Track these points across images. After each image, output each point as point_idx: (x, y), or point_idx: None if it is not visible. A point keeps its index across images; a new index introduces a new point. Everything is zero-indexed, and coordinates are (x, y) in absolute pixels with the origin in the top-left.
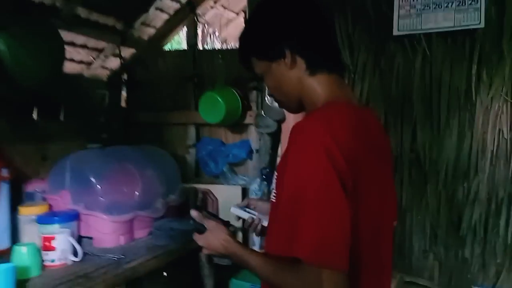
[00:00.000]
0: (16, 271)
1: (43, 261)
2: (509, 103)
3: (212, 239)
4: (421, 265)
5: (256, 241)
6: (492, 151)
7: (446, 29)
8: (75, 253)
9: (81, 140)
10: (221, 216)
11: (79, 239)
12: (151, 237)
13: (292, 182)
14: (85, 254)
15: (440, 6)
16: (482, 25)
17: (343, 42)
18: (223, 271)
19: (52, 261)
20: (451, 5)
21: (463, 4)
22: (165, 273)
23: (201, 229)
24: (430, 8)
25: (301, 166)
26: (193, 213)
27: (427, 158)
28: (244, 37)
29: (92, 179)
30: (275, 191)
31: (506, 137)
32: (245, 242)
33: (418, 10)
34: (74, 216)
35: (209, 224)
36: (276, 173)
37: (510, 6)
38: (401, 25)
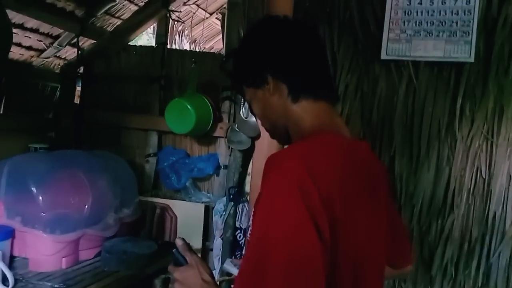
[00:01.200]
0: None
1: None
2: (489, 142)
3: (192, 275)
4: None
5: (216, 265)
6: (469, 189)
7: (435, 59)
8: (4, 281)
9: (23, 139)
10: (180, 233)
11: (11, 259)
12: (98, 259)
13: (261, 223)
14: (17, 281)
15: (431, 34)
16: (472, 59)
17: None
18: None
19: None
20: (442, 35)
21: (455, 35)
22: None
23: (180, 261)
24: (420, 35)
25: (271, 207)
26: (179, 242)
27: (404, 191)
28: (234, 65)
29: (33, 189)
30: (251, 228)
31: (484, 176)
32: None
33: (408, 35)
34: (7, 234)
35: (192, 258)
36: (252, 208)
37: (498, 42)
38: (389, 49)
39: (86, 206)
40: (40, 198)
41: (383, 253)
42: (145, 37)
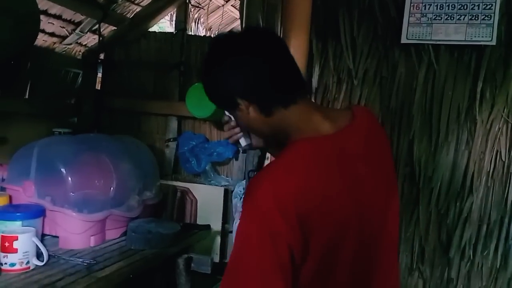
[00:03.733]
0: None
1: (1, 264)
2: (509, 125)
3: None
4: (405, 282)
5: None
6: (488, 172)
7: (456, 43)
8: (39, 256)
9: (47, 123)
10: (200, 216)
11: (42, 237)
12: (124, 238)
13: (236, 245)
14: (49, 257)
15: (452, 18)
16: (494, 42)
17: (346, 44)
18: (200, 280)
19: (12, 265)
20: (464, 18)
21: (476, 18)
22: (131, 275)
23: None
24: (441, 19)
25: (242, 237)
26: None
27: (422, 174)
28: (207, 93)
29: (63, 170)
30: None
31: (503, 159)
32: (223, 247)
33: (429, 19)
34: (39, 212)
35: None
36: None
37: None
38: (410, 33)
39: (111, 188)
40: (69, 179)
41: (394, 227)
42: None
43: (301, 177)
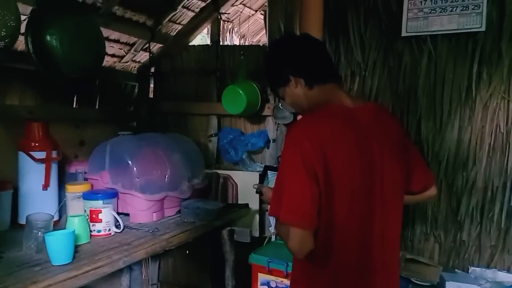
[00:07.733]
0: (74, 236)
1: (91, 231)
2: (506, 100)
3: (265, 197)
4: (422, 247)
5: (272, 222)
6: (490, 143)
7: (450, 31)
8: (117, 225)
9: (113, 127)
10: (240, 198)
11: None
12: (179, 215)
13: (279, 169)
14: (124, 227)
15: (445, 10)
16: (483, 28)
17: (355, 41)
18: (242, 248)
19: (99, 231)
20: (456, 10)
21: (467, 9)
22: (187, 251)
23: (261, 191)
24: (436, 12)
25: (283, 158)
26: (257, 185)
27: (430, 150)
28: (267, 76)
29: (129, 162)
30: None
31: (502, 131)
32: (261, 224)
33: (425, 13)
34: (114, 194)
35: (263, 189)
36: None
37: (509, 10)
38: (409, 27)
39: (166, 176)
40: (134, 168)
41: (394, 179)
42: (199, 38)
43: (324, 123)
